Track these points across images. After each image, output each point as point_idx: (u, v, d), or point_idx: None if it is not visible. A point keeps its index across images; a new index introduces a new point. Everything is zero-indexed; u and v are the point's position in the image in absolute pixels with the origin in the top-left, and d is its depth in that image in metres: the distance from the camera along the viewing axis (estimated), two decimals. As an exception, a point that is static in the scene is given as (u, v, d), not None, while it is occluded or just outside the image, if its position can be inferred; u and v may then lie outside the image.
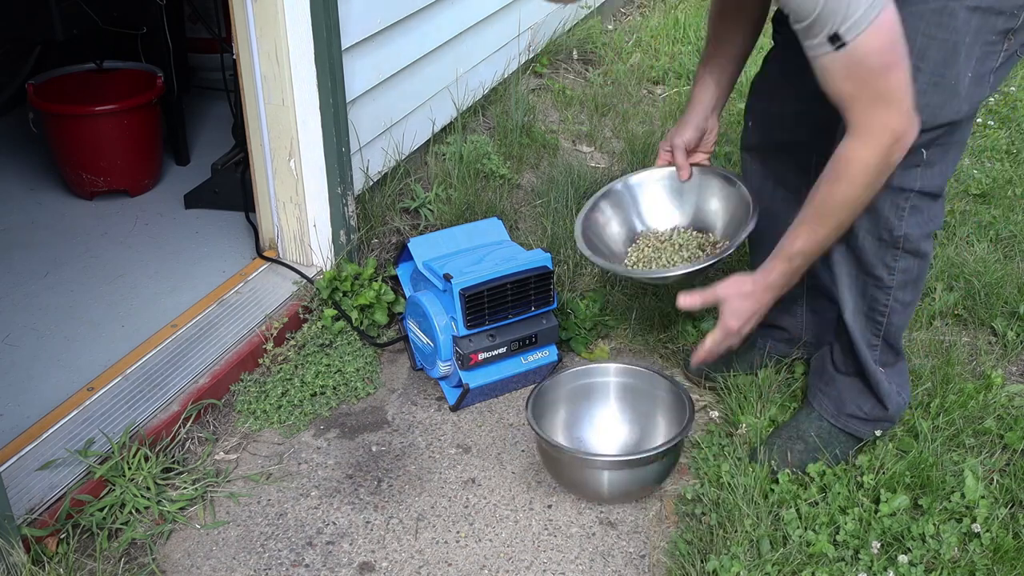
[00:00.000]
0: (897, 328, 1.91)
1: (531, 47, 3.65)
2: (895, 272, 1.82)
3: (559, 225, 2.74)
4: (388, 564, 1.83)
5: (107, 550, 1.82)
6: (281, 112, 2.37)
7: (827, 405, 2.00)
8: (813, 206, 1.70)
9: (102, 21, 3.18)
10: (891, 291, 1.85)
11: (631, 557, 1.85)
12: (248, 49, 2.32)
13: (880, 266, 1.82)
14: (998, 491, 1.89)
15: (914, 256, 1.81)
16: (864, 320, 1.89)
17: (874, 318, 1.89)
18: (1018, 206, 2.97)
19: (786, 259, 1.75)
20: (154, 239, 2.81)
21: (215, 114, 3.54)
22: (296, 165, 2.43)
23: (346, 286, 2.43)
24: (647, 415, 2.08)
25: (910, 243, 1.79)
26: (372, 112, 2.66)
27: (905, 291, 1.85)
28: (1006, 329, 2.42)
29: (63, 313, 2.45)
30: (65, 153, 3.01)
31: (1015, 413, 2.09)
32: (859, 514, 1.82)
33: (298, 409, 2.21)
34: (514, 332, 2.20)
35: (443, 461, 2.09)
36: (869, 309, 1.88)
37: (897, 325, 1.90)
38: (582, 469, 1.92)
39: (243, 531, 1.91)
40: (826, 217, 1.70)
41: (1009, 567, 1.71)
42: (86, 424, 2.01)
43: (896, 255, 1.80)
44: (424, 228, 2.75)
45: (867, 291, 1.86)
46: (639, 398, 2.09)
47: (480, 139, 3.06)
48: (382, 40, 2.60)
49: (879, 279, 1.84)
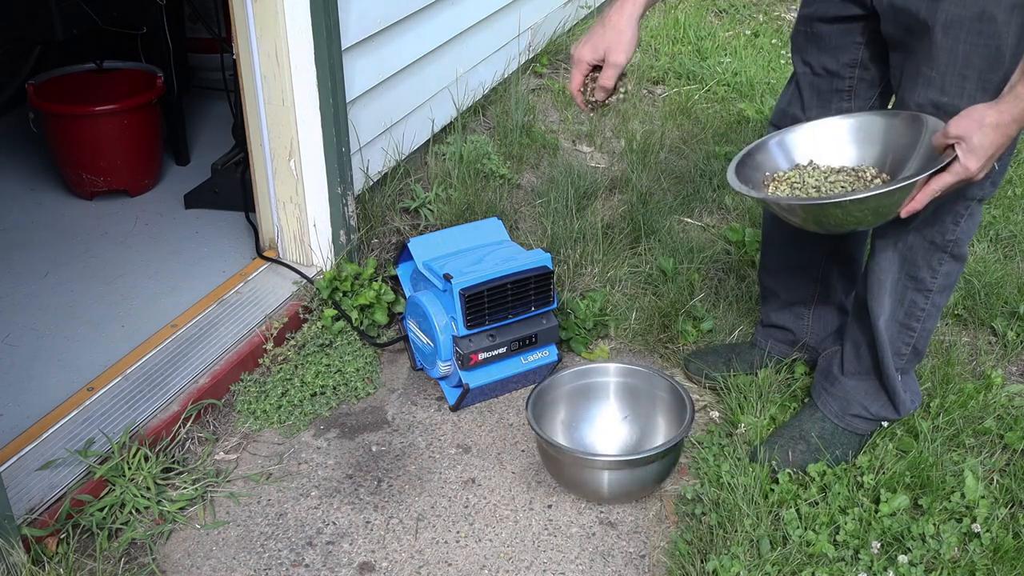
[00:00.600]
0: (928, 332, 1.93)
1: (531, 47, 3.65)
2: (938, 275, 1.84)
3: (559, 225, 2.74)
4: (388, 564, 1.83)
5: (107, 550, 1.82)
6: (281, 112, 2.37)
7: (832, 405, 2.01)
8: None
9: (102, 21, 3.18)
10: (931, 295, 1.86)
11: (631, 557, 1.85)
12: (248, 49, 2.32)
13: (925, 268, 1.83)
14: (998, 491, 1.89)
15: (956, 260, 1.83)
16: (898, 328, 1.90)
17: (909, 324, 1.90)
18: (1018, 206, 2.97)
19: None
20: (154, 239, 2.81)
21: (215, 114, 3.54)
22: (296, 165, 2.43)
23: (346, 286, 2.43)
24: (647, 415, 2.08)
25: (957, 248, 1.81)
26: (372, 112, 2.66)
27: (943, 295, 1.88)
28: (1006, 329, 2.42)
29: (63, 313, 2.45)
30: (65, 153, 3.01)
31: (1015, 413, 2.09)
32: (859, 514, 1.82)
33: (298, 409, 2.21)
34: (514, 332, 2.20)
35: (443, 461, 2.09)
36: (906, 316, 1.89)
37: (929, 330, 1.92)
38: (582, 469, 1.92)
39: (243, 531, 1.91)
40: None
41: (1009, 567, 1.71)
42: (86, 424, 2.01)
43: (942, 259, 1.82)
44: (424, 228, 2.75)
45: (907, 296, 1.87)
46: (639, 398, 2.09)
47: (480, 139, 3.06)
48: (382, 40, 2.60)
49: (921, 281, 1.85)
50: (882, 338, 1.90)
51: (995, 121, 1.54)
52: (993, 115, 1.54)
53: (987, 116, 1.54)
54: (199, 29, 3.55)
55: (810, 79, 1.93)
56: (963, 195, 1.74)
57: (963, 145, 1.57)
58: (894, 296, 1.87)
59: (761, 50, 4.22)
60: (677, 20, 4.41)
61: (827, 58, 1.89)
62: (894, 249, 1.83)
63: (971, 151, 1.56)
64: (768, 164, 1.88)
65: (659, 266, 2.63)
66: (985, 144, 1.55)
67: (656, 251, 2.70)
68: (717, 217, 2.93)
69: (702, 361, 2.28)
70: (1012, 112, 1.53)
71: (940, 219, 1.77)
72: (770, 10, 4.77)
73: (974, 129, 1.55)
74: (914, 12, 1.64)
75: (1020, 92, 1.52)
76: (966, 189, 1.72)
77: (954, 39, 1.61)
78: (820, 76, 1.91)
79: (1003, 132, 1.55)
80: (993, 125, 1.54)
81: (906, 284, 1.86)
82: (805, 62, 1.93)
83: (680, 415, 1.97)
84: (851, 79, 1.88)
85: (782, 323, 2.24)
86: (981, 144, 1.55)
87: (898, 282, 1.86)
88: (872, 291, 1.89)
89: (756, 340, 2.30)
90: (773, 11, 4.78)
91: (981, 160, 1.57)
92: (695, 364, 2.29)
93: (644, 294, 2.56)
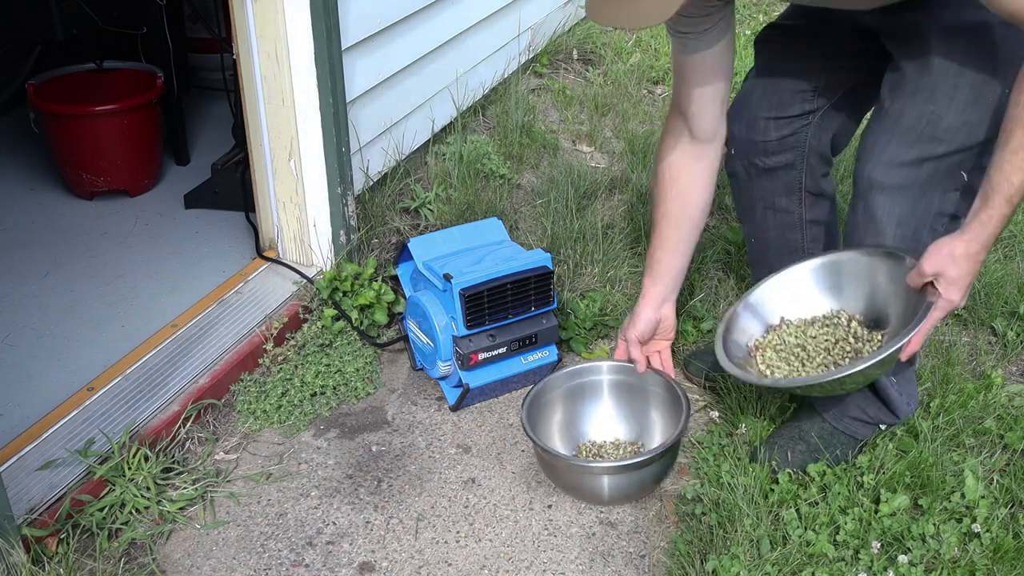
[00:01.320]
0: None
1: (531, 47, 3.65)
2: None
3: (559, 225, 2.74)
4: (388, 564, 1.83)
5: (107, 550, 1.82)
6: (281, 112, 2.37)
7: (830, 406, 2.00)
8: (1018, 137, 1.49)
9: (102, 21, 3.18)
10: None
11: (631, 557, 1.85)
12: (248, 49, 2.32)
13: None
14: (998, 491, 1.89)
15: None
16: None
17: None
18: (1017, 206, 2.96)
19: (1007, 201, 1.53)
20: (154, 239, 2.81)
21: (215, 114, 3.54)
22: (296, 165, 2.43)
23: (346, 286, 2.43)
24: (642, 411, 2.09)
25: None
26: (372, 112, 2.66)
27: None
28: (1006, 329, 2.42)
29: (63, 313, 2.45)
30: (65, 153, 3.01)
31: (1015, 413, 2.09)
32: (859, 514, 1.82)
33: (298, 409, 2.21)
34: (514, 332, 2.20)
35: (443, 461, 2.09)
36: None
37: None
38: (581, 476, 1.92)
39: (243, 531, 1.91)
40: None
41: (1009, 567, 1.71)
42: (86, 424, 2.01)
43: None
44: (424, 228, 2.75)
45: None
46: (633, 395, 2.09)
47: (480, 139, 3.06)
48: (382, 40, 2.60)
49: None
50: None
51: (965, 251, 1.58)
52: (962, 246, 1.58)
53: (956, 248, 1.58)
54: (199, 29, 3.55)
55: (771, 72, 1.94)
56: (938, 212, 1.72)
57: (941, 281, 1.60)
58: None
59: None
60: (677, 20, 4.40)
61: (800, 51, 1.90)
62: None
63: (950, 284, 1.60)
64: (745, 335, 1.91)
65: (659, 266, 2.63)
66: (962, 275, 1.59)
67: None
68: (717, 217, 2.93)
69: (702, 361, 2.28)
70: (979, 240, 1.57)
71: (916, 232, 1.75)
72: (770, 10, 4.77)
73: (948, 264, 1.59)
74: (911, 20, 1.63)
75: (983, 219, 1.56)
76: (939, 205, 1.71)
77: (949, 47, 1.60)
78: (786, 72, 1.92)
79: (975, 260, 1.59)
80: (964, 256, 1.58)
81: None
82: (771, 53, 1.95)
83: (676, 409, 1.96)
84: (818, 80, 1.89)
85: None
86: (959, 276, 1.59)
87: None
88: None
89: None
90: (773, 11, 4.78)
91: (962, 290, 1.61)
92: (695, 364, 2.29)
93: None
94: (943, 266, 1.60)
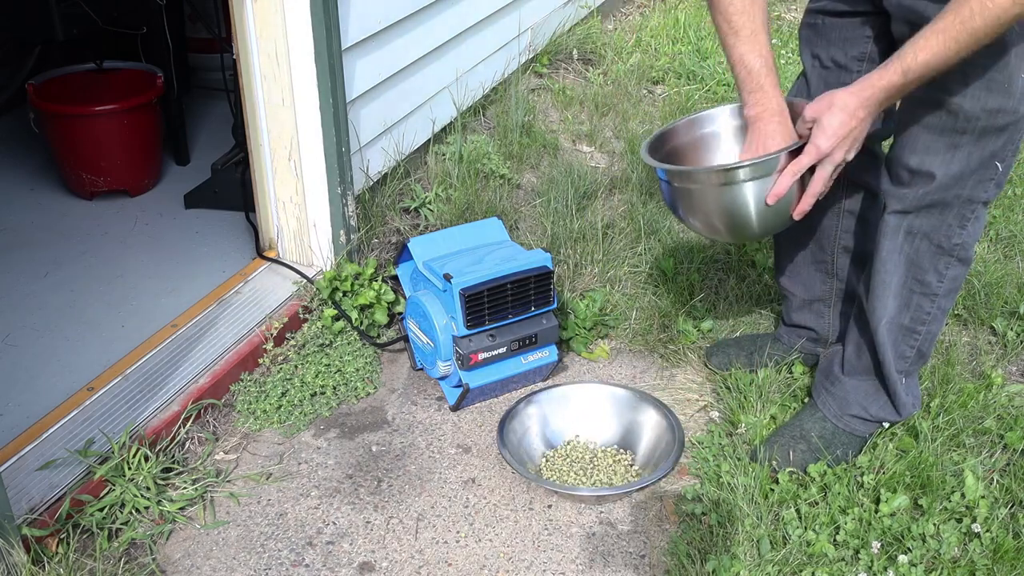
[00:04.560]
0: (933, 336, 1.92)
1: (531, 47, 3.65)
2: (944, 279, 1.84)
3: (559, 225, 2.74)
4: (388, 564, 1.83)
5: (107, 550, 1.82)
6: (281, 112, 2.37)
7: (831, 404, 2.01)
8: (947, 20, 1.50)
9: (102, 21, 3.18)
10: (937, 299, 1.86)
11: (631, 557, 1.85)
12: (248, 49, 2.32)
13: (932, 272, 1.83)
14: (998, 491, 1.89)
15: (963, 264, 1.83)
16: (900, 332, 1.90)
17: (914, 328, 1.89)
18: (1018, 206, 2.97)
19: (901, 72, 1.56)
20: (154, 239, 2.81)
21: (215, 114, 3.54)
22: (296, 165, 2.43)
23: (346, 286, 2.43)
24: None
25: (964, 251, 1.81)
26: (372, 112, 2.66)
27: (949, 298, 1.87)
28: (1006, 329, 2.42)
29: (63, 313, 2.45)
30: (65, 153, 3.01)
31: (1015, 413, 2.09)
32: (859, 514, 1.82)
33: (298, 409, 2.21)
34: (514, 332, 2.20)
35: (443, 461, 2.09)
36: (911, 320, 1.88)
37: (934, 333, 1.92)
38: (721, 187, 1.74)
39: (243, 531, 1.91)
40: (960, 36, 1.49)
41: (1009, 567, 1.71)
42: (86, 424, 2.01)
43: (949, 263, 1.82)
44: (424, 228, 2.75)
45: (912, 300, 1.87)
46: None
47: (480, 139, 3.06)
48: (382, 40, 2.60)
49: (928, 285, 1.84)
50: (882, 339, 1.90)
51: (843, 102, 1.63)
52: (842, 97, 1.64)
53: (836, 98, 1.64)
54: (199, 29, 3.56)
55: (819, 72, 1.93)
56: (969, 198, 1.74)
57: (816, 127, 1.67)
58: (899, 299, 1.87)
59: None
60: (677, 20, 4.41)
61: (836, 51, 1.89)
62: (900, 253, 1.83)
63: (820, 130, 1.66)
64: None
65: (659, 266, 2.63)
66: (834, 124, 1.64)
67: (656, 251, 2.70)
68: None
69: (724, 355, 2.28)
70: (861, 96, 1.62)
71: (946, 223, 1.77)
72: (770, 10, 4.77)
73: (824, 110, 1.66)
74: (921, 10, 1.63)
75: (874, 79, 1.61)
76: (972, 192, 1.72)
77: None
78: (828, 69, 1.91)
79: (850, 113, 1.63)
80: (841, 106, 1.64)
81: (912, 288, 1.85)
82: (814, 55, 1.94)
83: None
84: (859, 73, 1.87)
85: (804, 323, 2.24)
86: (830, 124, 1.64)
87: (904, 286, 1.86)
88: (876, 292, 1.88)
89: (779, 335, 2.30)
90: (773, 11, 4.78)
91: (831, 139, 1.65)
92: (718, 358, 2.29)
93: (644, 294, 2.56)
94: (820, 111, 1.66)
